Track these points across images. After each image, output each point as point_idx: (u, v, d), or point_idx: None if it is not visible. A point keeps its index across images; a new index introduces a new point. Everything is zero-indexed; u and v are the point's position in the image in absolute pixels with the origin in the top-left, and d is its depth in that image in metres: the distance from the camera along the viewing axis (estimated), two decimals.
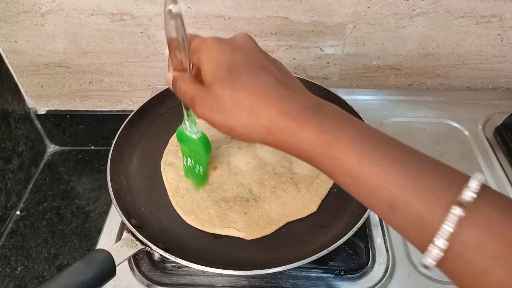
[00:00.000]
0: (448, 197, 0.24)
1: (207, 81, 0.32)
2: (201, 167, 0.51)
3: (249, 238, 0.48)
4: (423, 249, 0.25)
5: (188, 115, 0.43)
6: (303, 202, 0.51)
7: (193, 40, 0.34)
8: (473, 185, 0.24)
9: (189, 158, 0.51)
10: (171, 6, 0.31)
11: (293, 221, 0.50)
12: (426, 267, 0.25)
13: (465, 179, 0.24)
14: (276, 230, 0.49)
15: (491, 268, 0.23)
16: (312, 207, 0.51)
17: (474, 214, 0.23)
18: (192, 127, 0.45)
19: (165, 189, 0.53)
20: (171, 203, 0.52)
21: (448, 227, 0.23)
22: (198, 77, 0.34)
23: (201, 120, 0.34)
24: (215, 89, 0.31)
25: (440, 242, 0.23)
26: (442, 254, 0.24)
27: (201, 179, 0.52)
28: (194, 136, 0.46)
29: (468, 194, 0.23)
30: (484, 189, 0.24)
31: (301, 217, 0.50)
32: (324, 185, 0.53)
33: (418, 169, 0.25)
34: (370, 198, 0.27)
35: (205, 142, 0.47)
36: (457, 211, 0.23)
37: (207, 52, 0.32)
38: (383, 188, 0.26)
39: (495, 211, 0.23)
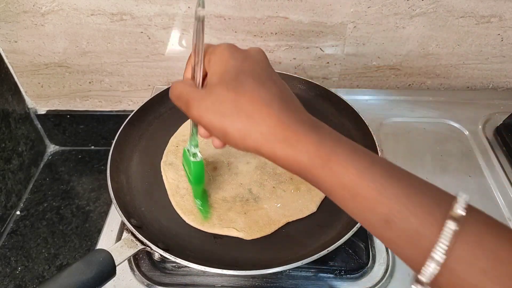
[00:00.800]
0: (441, 211, 0.25)
1: (212, 82, 0.31)
2: (197, 199, 0.50)
3: (249, 238, 0.48)
4: (418, 265, 0.25)
5: (192, 134, 0.42)
6: (303, 202, 0.51)
7: (210, 46, 0.34)
8: (462, 201, 0.25)
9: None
10: (199, 9, 0.32)
11: (293, 221, 0.50)
12: (421, 283, 0.25)
13: (453, 197, 0.26)
14: (276, 230, 0.49)
15: (482, 282, 0.23)
16: (312, 208, 0.51)
17: (466, 229, 0.24)
18: (192, 148, 0.44)
19: (165, 189, 0.53)
20: (171, 203, 0.52)
21: (444, 241, 0.24)
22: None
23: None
24: (218, 91, 0.30)
25: (438, 256, 0.24)
26: (438, 268, 0.24)
27: (203, 212, 0.50)
28: (191, 158, 0.45)
29: (459, 209, 0.24)
30: (470, 207, 0.25)
31: (301, 217, 0.50)
32: None
33: (412, 186, 0.27)
34: (366, 213, 0.27)
35: (198, 169, 0.46)
36: (451, 225, 0.24)
37: (220, 55, 0.32)
38: (381, 203, 0.26)
39: (484, 227, 0.24)
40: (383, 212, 0.26)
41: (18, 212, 0.80)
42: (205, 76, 0.34)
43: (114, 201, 0.47)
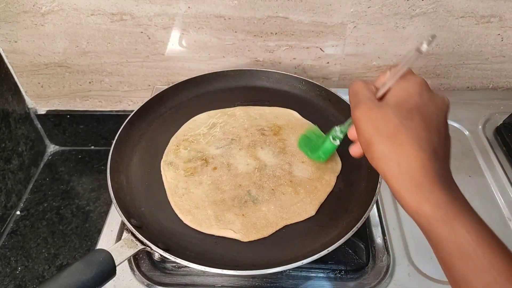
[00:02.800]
0: None
1: (389, 101, 0.33)
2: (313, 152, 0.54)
3: (246, 240, 0.47)
4: None
5: (348, 124, 0.45)
6: (302, 206, 0.51)
7: (409, 73, 0.35)
8: None
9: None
10: (424, 45, 0.34)
11: (291, 224, 0.49)
12: None
13: None
14: (276, 230, 0.49)
15: None
16: (311, 211, 0.50)
17: None
18: (338, 133, 0.48)
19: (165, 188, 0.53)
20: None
21: None
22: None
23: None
24: (387, 110, 0.32)
25: None
26: None
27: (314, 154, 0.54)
28: (331, 138, 0.49)
29: None
30: None
31: (299, 220, 0.50)
32: (323, 189, 0.53)
33: None
34: (469, 276, 0.29)
35: (331, 151, 0.51)
36: None
37: (411, 84, 0.34)
38: (488, 272, 0.28)
39: None
40: (486, 280, 0.28)
41: (18, 212, 0.80)
42: (386, 93, 0.36)
43: (114, 201, 0.47)
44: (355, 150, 0.38)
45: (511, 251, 0.30)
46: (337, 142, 0.49)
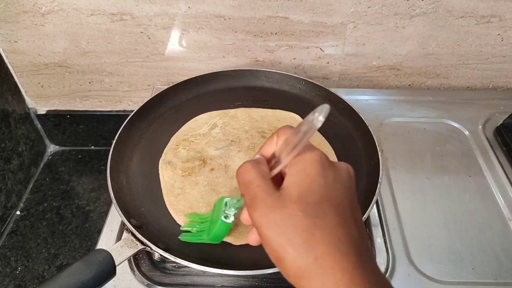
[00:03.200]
0: None
1: (291, 194, 0.27)
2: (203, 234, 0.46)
3: (237, 243, 0.47)
4: None
5: (239, 201, 0.39)
6: None
7: (303, 145, 0.29)
8: None
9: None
10: (320, 119, 0.27)
11: None
12: None
13: None
14: None
15: None
16: None
17: None
18: (230, 210, 0.41)
19: None
20: None
21: None
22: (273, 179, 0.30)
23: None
24: (293, 210, 0.26)
25: None
26: None
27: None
28: (222, 217, 0.41)
29: None
30: None
31: None
32: None
33: None
34: None
35: (222, 231, 0.42)
36: None
37: (309, 164, 0.28)
38: None
39: None
40: None
41: (18, 212, 0.80)
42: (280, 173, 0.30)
43: (114, 201, 0.47)
44: (254, 239, 0.31)
45: None
46: (230, 220, 0.41)
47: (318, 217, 0.26)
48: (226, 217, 0.41)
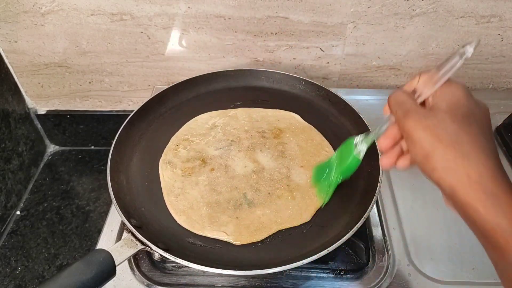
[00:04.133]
0: None
1: (441, 107, 0.32)
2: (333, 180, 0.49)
3: (238, 243, 0.47)
4: None
5: (373, 137, 0.42)
6: (297, 211, 0.50)
7: (449, 76, 0.34)
8: None
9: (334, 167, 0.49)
10: (469, 48, 0.32)
11: (285, 229, 0.49)
12: None
13: None
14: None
15: None
16: (306, 217, 0.50)
17: None
18: (363, 147, 0.44)
19: None
20: None
21: None
22: None
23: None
24: (444, 117, 0.31)
25: None
26: None
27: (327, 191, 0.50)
28: (355, 152, 0.44)
29: None
30: None
31: (293, 225, 0.49)
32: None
33: None
34: None
35: (354, 165, 0.45)
36: None
37: (455, 89, 0.33)
38: None
39: None
40: None
41: (18, 212, 0.80)
42: (425, 101, 0.34)
43: (114, 201, 0.47)
44: (403, 164, 0.35)
45: None
46: (361, 156, 0.44)
47: (465, 124, 0.30)
48: (358, 153, 0.44)
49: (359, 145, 0.44)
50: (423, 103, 0.35)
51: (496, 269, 0.29)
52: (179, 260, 0.41)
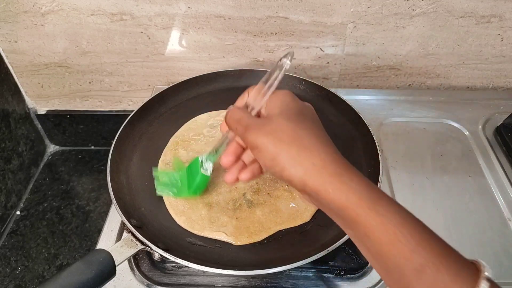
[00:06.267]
0: (470, 272, 0.27)
1: (274, 113, 0.35)
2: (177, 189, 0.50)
3: (238, 244, 0.47)
4: None
5: (216, 152, 0.43)
6: (297, 211, 0.50)
7: (275, 87, 0.38)
8: (487, 267, 0.27)
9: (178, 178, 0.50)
10: (287, 62, 0.38)
11: (285, 229, 0.49)
12: None
13: (473, 261, 0.28)
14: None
15: None
16: (306, 217, 0.50)
17: None
18: (208, 163, 0.46)
19: None
20: None
21: None
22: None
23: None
24: (279, 120, 0.34)
25: None
26: None
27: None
28: (202, 169, 0.47)
29: (488, 272, 0.27)
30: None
31: (293, 226, 0.49)
32: None
33: (444, 244, 0.28)
34: (399, 260, 0.28)
35: (203, 183, 0.49)
36: (485, 286, 0.25)
37: (281, 96, 0.37)
38: (417, 253, 0.27)
39: None
40: (418, 261, 0.27)
41: (18, 212, 0.80)
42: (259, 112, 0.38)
43: (114, 201, 0.47)
44: (242, 176, 0.39)
45: (431, 230, 0.29)
46: (209, 172, 0.47)
47: (299, 121, 0.34)
48: (205, 170, 0.47)
49: (205, 163, 0.46)
50: (257, 115, 0.38)
51: (359, 248, 0.32)
52: (179, 260, 0.41)
